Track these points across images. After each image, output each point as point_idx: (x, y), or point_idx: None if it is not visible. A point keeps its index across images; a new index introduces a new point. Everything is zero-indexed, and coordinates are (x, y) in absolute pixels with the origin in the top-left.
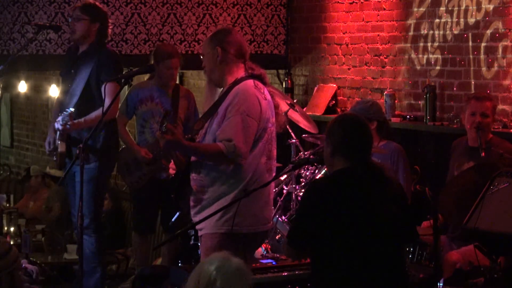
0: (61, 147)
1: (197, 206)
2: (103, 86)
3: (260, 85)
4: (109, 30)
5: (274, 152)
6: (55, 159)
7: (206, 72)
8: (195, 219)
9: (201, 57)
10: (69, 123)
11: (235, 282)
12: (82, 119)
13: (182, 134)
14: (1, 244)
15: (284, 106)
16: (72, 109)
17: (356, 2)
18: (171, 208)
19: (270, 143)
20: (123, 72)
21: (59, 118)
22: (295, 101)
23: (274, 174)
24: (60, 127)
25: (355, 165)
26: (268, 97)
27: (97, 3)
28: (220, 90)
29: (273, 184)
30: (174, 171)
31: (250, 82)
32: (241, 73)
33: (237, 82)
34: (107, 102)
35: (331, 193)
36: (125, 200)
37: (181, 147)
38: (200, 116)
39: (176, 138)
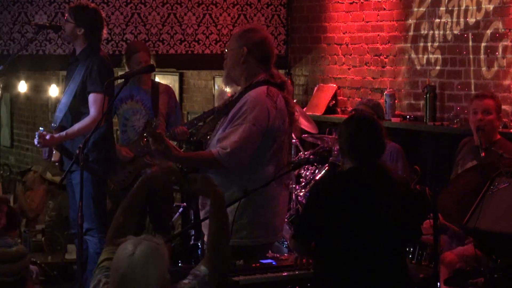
0: (55, 156)
1: (203, 210)
2: (89, 96)
3: (274, 92)
4: (103, 33)
5: (285, 159)
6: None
7: (226, 66)
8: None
9: (225, 50)
10: (40, 140)
11: (148, 271)
12: (63, 132)
13: (172, 144)
14: (19, 249)
15: None
16: (41, 129)
17: (356, 2)
18: (159, 205)
19: (280, 152)
20: (113, 76)
21: (36, 134)
22: (295, 101)
23: (284, 184)
24: (37, 144)
25: (360, 165)
26: (281, 105)
27: (89, 6)
28: (236, 87)
29: (285, 194)
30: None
31: (263, 89)
32: (258, 78)
33: (251, 87)
34: (91, 112)
35: (334, 192)
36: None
37: (172, 158)
38: (201, 113)
39: (167, 150)
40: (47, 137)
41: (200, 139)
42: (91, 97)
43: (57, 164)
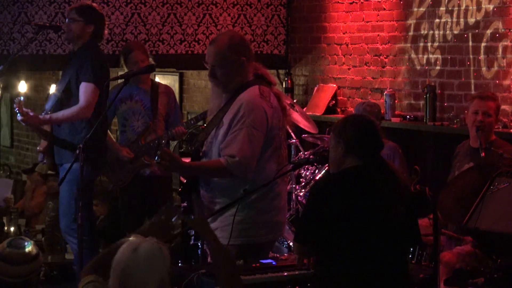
0: (41, 145)
1: (209, 217)
2: (80, 85)
3: (266, 91)
4: (105, 32)
5: (285, 153)
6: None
7: (222, 80)
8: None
9: (212, 65)
10: (23, 113)
11: (149, 269)
12: (47, 115)
13: (178, 156)
14: (29, 252)
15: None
16: (21, 98)
17: (356, 2)
18: (158, 205)
19: (279, 148)
20: (108, 74)
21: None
22: (295, 101)
23: (286, 179)
24: (19, 118)
25: (367, 163)
26: (275, 103)
27: (94, 5)
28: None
29: (286, 189)
30: (156, 168)
31: (255, 89)
32: (249, 76)
33: (243, 87)
34: (80, 101)
35: (340, 190)
36: None
37: (181, 169)
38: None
39: (175, 163)
40: (31, 113)
41: (197, 148)
42: (82, 86)
43: (44, 162)
